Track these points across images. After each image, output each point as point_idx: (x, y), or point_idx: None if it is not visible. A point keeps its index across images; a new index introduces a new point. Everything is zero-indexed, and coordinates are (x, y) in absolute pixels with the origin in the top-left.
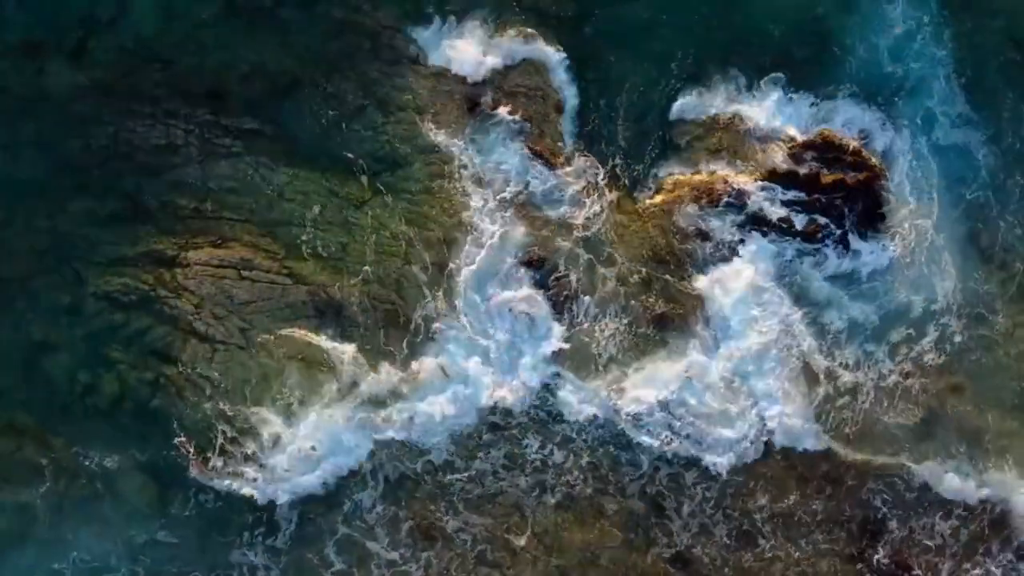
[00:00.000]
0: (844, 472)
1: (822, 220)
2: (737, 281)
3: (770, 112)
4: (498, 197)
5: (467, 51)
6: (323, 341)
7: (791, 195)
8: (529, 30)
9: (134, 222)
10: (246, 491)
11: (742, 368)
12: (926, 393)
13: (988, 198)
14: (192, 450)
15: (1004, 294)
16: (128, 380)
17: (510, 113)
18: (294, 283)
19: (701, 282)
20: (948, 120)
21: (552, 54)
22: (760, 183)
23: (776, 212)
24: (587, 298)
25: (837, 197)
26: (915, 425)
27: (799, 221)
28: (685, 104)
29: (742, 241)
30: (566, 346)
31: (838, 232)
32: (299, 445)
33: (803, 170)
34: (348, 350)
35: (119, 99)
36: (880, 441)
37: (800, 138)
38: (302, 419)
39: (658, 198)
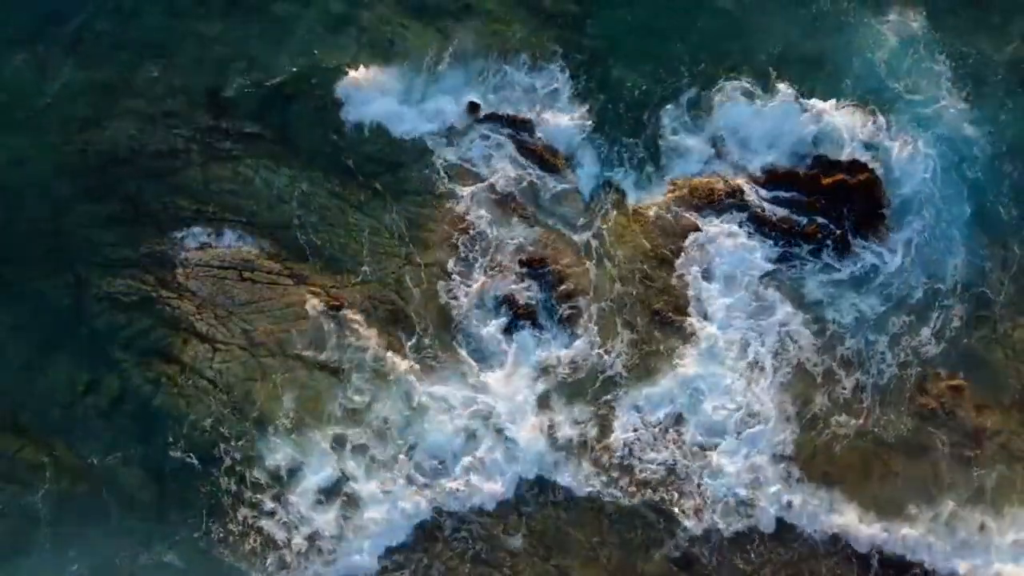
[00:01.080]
0: None
1: (822, 221)
2: (736, 282)
3: (771, 113)
4: (497, 198)
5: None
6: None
7: (791, 196)
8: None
9: (136, 224)
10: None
11: (737, 376)
12: (925, 395)
13: (988, 196)
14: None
15: (1004, 292)
16: (130, 381)
17: (509, 114)
18: (295, 284)
19: (699, 283)
20: (947, 119)
21: (553, 63)
22: (760, 184)
23: (776, 213)
24: (585, 299)
25: (837, 198)
26: (910, 435)
27: (799, 222)
28: (685, 105)
29: (742, 241)
30: (564, 353)
31: (838, 233)
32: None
33: (803, 171)
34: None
35: (120, 102)
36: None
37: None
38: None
39: (658, 198)
